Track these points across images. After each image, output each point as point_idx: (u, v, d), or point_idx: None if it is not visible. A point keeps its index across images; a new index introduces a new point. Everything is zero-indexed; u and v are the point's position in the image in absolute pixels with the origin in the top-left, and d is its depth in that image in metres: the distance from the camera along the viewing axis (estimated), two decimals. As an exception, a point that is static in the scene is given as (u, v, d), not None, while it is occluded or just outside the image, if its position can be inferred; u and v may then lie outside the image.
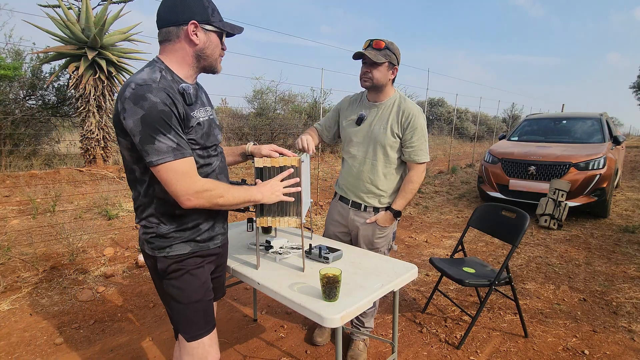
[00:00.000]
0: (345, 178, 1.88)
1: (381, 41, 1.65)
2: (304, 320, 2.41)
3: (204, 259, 1.23)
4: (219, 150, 1.29)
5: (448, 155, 10.92)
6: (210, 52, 1.15)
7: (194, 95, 1.15)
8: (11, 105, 7.32)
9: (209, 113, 1.23)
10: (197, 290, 1.19)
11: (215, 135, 1.23)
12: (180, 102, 1.07)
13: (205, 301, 1.21)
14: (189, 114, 1.10)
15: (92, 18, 6.60)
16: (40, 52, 6.77)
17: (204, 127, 1.16)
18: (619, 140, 5.45)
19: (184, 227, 1.17)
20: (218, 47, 1.17)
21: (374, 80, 1.69)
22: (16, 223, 4.10)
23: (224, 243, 1.36)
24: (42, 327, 2.27)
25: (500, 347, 2.15)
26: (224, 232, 1.34)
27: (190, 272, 1.18)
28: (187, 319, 1.19)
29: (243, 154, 1.51)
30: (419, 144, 1.74)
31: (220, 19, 1.16)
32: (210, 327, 1.23)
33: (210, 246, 1.25)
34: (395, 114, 1.74)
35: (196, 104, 1.16)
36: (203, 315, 1.21)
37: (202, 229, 1.21)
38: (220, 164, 1.26)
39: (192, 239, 1.19)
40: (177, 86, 1.09)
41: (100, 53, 6.59)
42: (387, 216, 1.82)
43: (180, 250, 1.17)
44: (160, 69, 1.10)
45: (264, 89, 11.38)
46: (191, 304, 1.18)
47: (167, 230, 1.15)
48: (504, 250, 3.78)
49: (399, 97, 1.78)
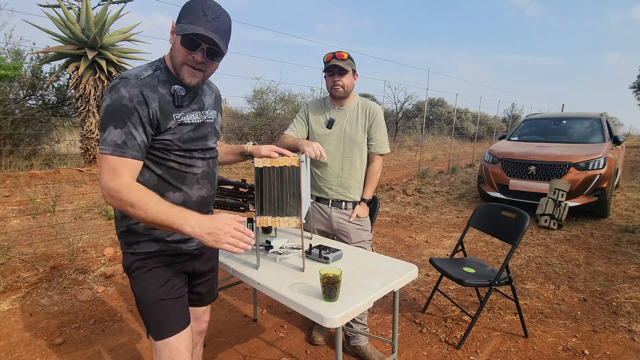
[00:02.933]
0: (325, 179, 1.97)
1: (343, 52, 1.84)
2: (304, 320, 2.41)
3: (173, 258, 1.20)
4: (210, 155, 1.26)
5: (448, 155, 10.93)
6: (173, 54, 1.10)
7: (189, 98, 1.16)
8: (11, 105, 7.32)
9: (206, 117, 1.22)
10: (160, 289, 1.16)
11: (205, 140, 1.22)
12: (156, 102, 1.06)
13: (170, 300, 1.17)
14: (167, 115, 1.09)
15: (92, 18, 6.60)
16: (40, 52, 6.78)
17: (189, 129, 1.15)
18: (619, 140, 5.45)
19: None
20: (179, 52, 1.08)
21: (345, 87, 1.87)
22: (16, 223, 4.11)
23: (204, 246, 1.26)
24: (42, 327, 2.27)
25: (500, 347, 2.15)
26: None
27: (153, 269, 1.16)
28: (152, 318, 1.16)
29: (242, 154, 1.49)
30: (382, 137, 1.97)
31: (192, 22, 1.03)
32: (177, 327, 1.17)
33: (182, 247, 1.21)
34: (363, 114, 1.94)
35: (187, 107, 1.15)
36: (166, 315, 1.16)
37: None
38: (206, 168, 1.23)
39: (161, 239, 1.16)
40: (170, 87, 1.11)
41: (100, 53, 6.59)
42: (363, 206, 2.01)
43: (147, 248, 1.15)
44: (156, 67, 1.11)
45: (264, 89, 11.39)
46: (155, 303, 1.15)
47: (135, 226, 1.14)
48: (504, 250, 3.79)
49: (360, 99, 1.99)
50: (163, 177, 1.14)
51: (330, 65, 1.83)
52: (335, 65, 1.81)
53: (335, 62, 1.82)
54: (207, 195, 1.25)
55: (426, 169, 8.34)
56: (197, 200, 1.21)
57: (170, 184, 1.15)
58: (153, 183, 1.13)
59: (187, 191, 1.18)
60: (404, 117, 19.06)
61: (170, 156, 1.13)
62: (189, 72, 1.10)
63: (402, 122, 18.47)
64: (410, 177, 8.19)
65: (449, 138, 14.96)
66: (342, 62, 1.82)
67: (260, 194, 1.38)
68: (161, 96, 1.09)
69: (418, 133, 16.75)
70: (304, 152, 1.62)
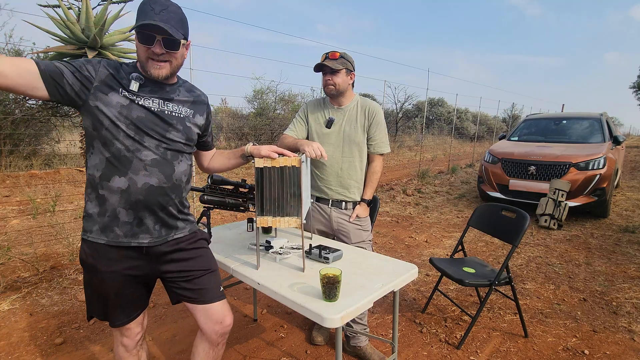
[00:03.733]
0: (325, 179, 1.97)
1: (336, 52, 1.85)
2: (304, 320, 2.41)
3: (120, 252, 1.21)
4: (172, 146, 1.23)
5: (448, 155, 10.93)
6: (137, 55, 1.18)
7: (150, 90, 1.21)
8: (11, 105, 7.32)
9: (170, 109, 1.24)
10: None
11: (165, 130, 1.22)
12: (107, 71, 1.15)
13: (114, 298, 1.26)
14: (112, 84, 1.15)
15: (92, 18, 6.58)
16: (40, 52, 6.75)
17: (140, 111, 1.17)
18: (619, 140, 5.45)
19: (103, 210, 1.18)
20: (140, 49, 1.16)
21: (337, 86, 1.87)
22: (16, 223, 4.11)
23: (155, 245, 1.24)
24: (42, 327, 2.27)
25: (500, 347, 2.15)
26: (158, 235, 1.24)
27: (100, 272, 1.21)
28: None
29: (243, 155, 1.49)
30: (382, 137, 1.96)
31: (144, 19, 1.10)
32: (119, 322, 1.30)
33: (132, 242, 1.20)
34: (362, 113, 1.94)
35: (146, 94, 1.20)
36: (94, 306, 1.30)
37: (122, 219, 1.18)
38: (159, 157, 1.20)
39: (109, 227, 1.19)
40: (130, 75, 1.18)
41: (100, 53, 6.57)
42: (363, 207, 2.00)
43: (96, 239, 1.19)
44: (128, 64, 1.22)
45: (264, 89, 11.38)
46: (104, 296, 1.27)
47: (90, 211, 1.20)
48: (504, 250, 3.79)
49: (359, 98, 1.99)
50: (110, 160, 1.16)
51: (321, 64, 1.85)
52: (325, 64, 1.84)
53: (325, 62, 1.84)
54: (158, 185, 1.19)
55: (426, 169, 8.34)
56: (143, 187, 1.17)
57: (116, 167, 1.16)
58: (102, 166, 1.16)
59: (132, 176, 1.16)
60: (404, 117, 19.06)
61: (119, 137, 1.15)
62: (154, 66, 1.17)
63: (402, 122, 18.47)
64: (410, 177, 8.20)
65: (449, 138, 14.97)
66: (334, 61, 1.83)
67: (261, 194, 1.38)
68: (118, 75, 1.16)
69: (418, 133, 16.75)
70: (304, 152, 1.62)
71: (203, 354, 1.36)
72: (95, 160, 1.17)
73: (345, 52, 1.89)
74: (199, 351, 1.37)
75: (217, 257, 1.61)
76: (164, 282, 1.35)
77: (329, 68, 1.84)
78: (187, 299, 1.33)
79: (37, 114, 7.70)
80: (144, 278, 1.29)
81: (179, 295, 1.33)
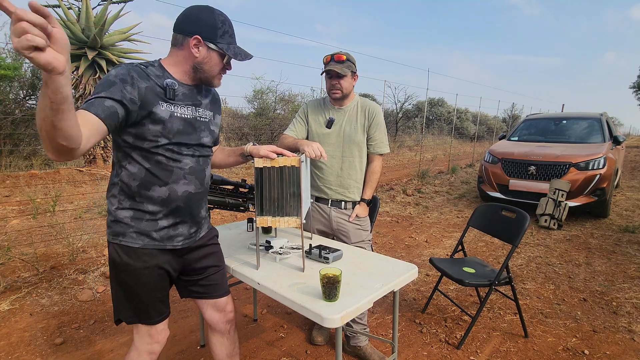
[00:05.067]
0: (325, 179, 1.97)
1: (342, 54, 1.84)
2: (304, 320, 2.41)
3: (155, 257, 1.22)
4: (201, 152, 1.28)
5: (448, 155, 10.93)
6: (208, 68, 1.21)
7: (182, 94, 1.21)
8: (11, 105, 7.32)
9: (200, 115, 1.26)
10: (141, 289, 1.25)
11: (197, 136, 1.25)
12: (143, 85, 1.10)
13: (145, 297, 1.26)
14: (153, 99, 1.12)
15: (92, 18, 6.60)
16: (40, 52, 6.76)
17: (179, 122, 1.19)
18: (619, 140, 5.45)
19: (140, 216, 1.19)
20: (218, 66, 1.22)
21: (344, 90, 1.87)
22: (16, 223, 4.11)
23: (188, 246, 1.31)
24: (42, 327, 2.27)
25: (500, 347, 2.15)
26: (189, 236, 1.30)
27: (134, 270, 1.21)
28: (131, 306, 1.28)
29: (242, 155, 1.51)
30: (381, 137, 1.96)
31: (230, 43, 1.21)
32: (159, 318, 1.30)
33: (167, 245, 1.24)
34: (362, 114, 1.94)
35: (180, 101, 1.20)
36: (145, 306, 1.27)
37: (160, 225, 1.21)
38: (195, 165, 1.25)
39: (146, 233, 1.19)
40: (162, 81, 1.16)
41: (100, 53, 6.59)
42: (363, 206, 2.00)
43: (131, 243, 1.18)
44: (150, 64, 1.18)
45: (264, 89, 11.38)
46: (135, 297, 1.26)
47: (122, 216, 1.18)
48: (504, 250, 3.79)
49: (359, 99, 1.99)
50: (151, 170, 1.16)
51: (328, 69, 1.84)
52: (332, 69, 1.82)
53: (332, 66, 1.82)
54: (195, 192, 1.26)
55: (426, 169, 8.34)
56: (183, 195, 1.22)
57: (157, 177, 1.17)
58: (141, 176, 1.16)
59: (172, 186, 1.20)
60: (404, 117, 19.06)
61: (159, 150, 1.16)
62: (220, 79, 1.27)
63: (402, 122, 18.47)
64: (410, 177, 8.19)
65: (449, 138, 14.97)
66: (340, 65, 1.83)
67: (260, 194, 1.38)
68: (151, 85, 1.13)
69: (418, 133, 16.75)
70: (303, 152, 1.62)
71: (218, 344, 1.45)
72: (133, 169, 1.16)
73: (349, 53, 1.89)
74: (216, 346, 1.46)
75: (217, 257, 1.61)
76: (178, 279, 1.37)
77: (336, 72, 1.83)
78: (198, 294, 1.40)
79: (37, 114, 7.69)
80: (171, 275, 1.31)
81: (192, 291, 1.39)
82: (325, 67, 1.86)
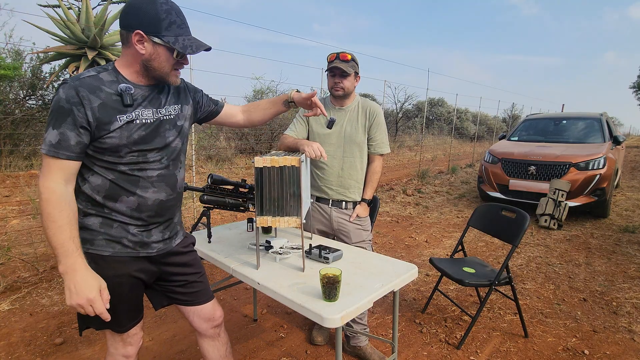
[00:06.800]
0: (325, 179, 1.97)
1: (347, 54, 1.85)
2: (304, 320, 2.41)
3: (126, 264, 1.17)
4: (171, 155, 1.20)
5: (448, 155, 10.92)
6: (158, 65, 1.10)
7: (141, 96, 1.13)
8: (11, 105, 7.32)
9: (163, 114, 1.17)
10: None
11: (162, 138, 1.17)
12: (96, 102, 1.04)
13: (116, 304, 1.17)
14: (109, 115, 1.06)
15: (92, 18, 6.58)
16: (40, 52, 6.75)
17: (139, 128, 1.11)
18: (619, 140, 5.45)
19: (109, 223, 1.13)
20: (168, 61, 1.11)
21: (346, 89, 1.88)
22: (16, 223, 4.11)
23: (164, 253, 1.26)
24: (42, 327, 2.27)
25: (500, 347, 2.15)
26: (164, 242, 1.25)
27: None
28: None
29: (286, 102, 1.47)
30: (382, 137, 1.97)
31: (179, 34, 1.08)
32: (130, 325, 1.27)
33: (140, 252, 1.18)
34: (363, 114, 1.95)
35: (139, 105, 1.12)
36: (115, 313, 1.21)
37: (132, 231, 1.15)
38: (164, 171, 1.18)
39: (117, 240, 1.14)
40: (116, 86, 1.08)
41: (100, 53, 6.56)
42: (363, 206, 2.01)
43: (100, 251, 1.13)
44: (104, 69, 1.10)
45: (264, 89, 11.38)
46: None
47: (89, 223, 1.13)
48: (504, 250, 3.79)
49: (360, 99, 2.00)
50: (115, 182, 1.11)
51: (333, 66, 1.84)
52: (337, 67, 1.82)
53: (337, 63, 1.82)
54: (167, 199, 1.20)
55: (426, 169, 8.33)
56: (155, 203, 1.17)
57: (123, 188, 1.12)
58: (106, 188, 1.11)
59: (141, 195, 1.14)
60: (404, 117, 19.05)
61: (122, 160, 1.10)
62: (176, 75, 1.17)
63: (402, 122, 18.46)
64: (410, 177, 8.19)
65: (449, 138, 14.96)
66: (345, 63, 1.83)
67: (260, 194, 1.38)
68: (106, 96, 1.06)
69: (418, 133, 16.76)
70: (304, 152, 1.62)
71: (210, 349, 1.41)
72: (97, 181, 1.10)
73: (353, 54, 1.89)
74: (206, 348, 1.42)
75: (217, 257, 1.61)
76: (155, 285, 1.31)
77: (340, 70, 1.83)
78: (180, 302, 1.35)
79: (37, 114, 7.69)
80: (146, 282, 1.26)
81: (172, 298, 1.33)
82: (329, 65, 1.86)
